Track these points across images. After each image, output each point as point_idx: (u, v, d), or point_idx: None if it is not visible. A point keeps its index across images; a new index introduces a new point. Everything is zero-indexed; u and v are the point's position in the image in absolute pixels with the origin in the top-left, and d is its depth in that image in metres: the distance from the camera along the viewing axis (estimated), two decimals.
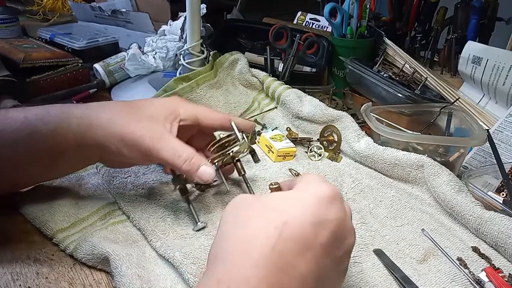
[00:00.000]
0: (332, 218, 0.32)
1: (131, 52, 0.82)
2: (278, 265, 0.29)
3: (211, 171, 0.43)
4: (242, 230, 0.31)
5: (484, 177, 0.60)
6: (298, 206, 0.32)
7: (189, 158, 0.43)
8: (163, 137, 0.44)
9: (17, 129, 0.43)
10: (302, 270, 0.29)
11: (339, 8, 0.84)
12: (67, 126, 0.44)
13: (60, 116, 0.44)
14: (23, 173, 0.46)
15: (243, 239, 0.30)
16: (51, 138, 0.44)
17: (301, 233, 0.30)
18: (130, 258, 0.42)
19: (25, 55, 0.79)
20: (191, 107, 0.50)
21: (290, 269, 0.29)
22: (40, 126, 0.43)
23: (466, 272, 0.44)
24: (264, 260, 0.28)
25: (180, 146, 0.44)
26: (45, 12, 1.18)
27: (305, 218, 0.31)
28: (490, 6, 0.83)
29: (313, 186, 0.34)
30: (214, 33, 0.90)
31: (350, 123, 0.66)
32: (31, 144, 0.44)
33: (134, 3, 1.11)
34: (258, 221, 0.31)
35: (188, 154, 0.43)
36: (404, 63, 0.82)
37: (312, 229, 0.30)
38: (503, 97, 0.70)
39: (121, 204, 0.50)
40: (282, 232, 0.29)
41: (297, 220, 0.30)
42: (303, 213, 0.31)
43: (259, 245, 0.29)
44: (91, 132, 0.44)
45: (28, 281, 0.41)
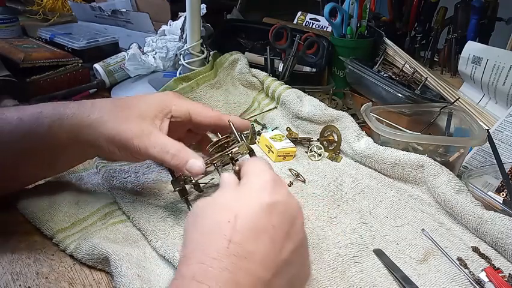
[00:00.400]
0: (278, 200, 0.35)
1: (131, 52, 0.82)
2: (236, 253, 0.31)
3: (200, 164, 0.43)
4: (200, 230, 0.33)
5: (484, 177, 0.60)
6: (245, 197, 0.35)
7: (177, 152, 0.43)
8: (151, 135, 0.44)
9: (11, 130, 0.43)
10: (260, 253, 0.32)
11: (339, 8, 0.84)
12: (59, 126, 0.44)
13: (52, 118, 0.44)
14: (20, 173, 0.47)
15: (201, 239, 0.33)
16: (46, 138, 0.44)
17: (254, 220, 0.33)
18: (130, 258, 0.42)
19: (25, 55, 0.79)
20: (184, 103, 0.49)
21: (250, 255, 0.31)
22: (35, 127, 0.44)
23: (466, 272, 0.44)
24: (222, 252, 0.31)
25: (168, 141, 0.44)
26: (45, 12, 1.18)
27: (254, 206, 0.34)
28: (490, 6, 0.83)
29: (255, 177, 0.37)
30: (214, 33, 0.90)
31: (350, 123, 0.66)
32: (27, 145, 0.44)
33: (134, 3, 1.11)
34: (212, 219, 0.34)
35: (176, 149, 0.43)
36: (404, 63, 0.82)
37: (262, 214, 0.33)
38: (503, 97, 0.70)
39: (121, 204, 0.50)
40: (235, 224, 0.32)
41: (246, 210, 0.33)
42: (251, 202, 0.34)
43: (216, 240, 0.32)
44: (82, 133, 0.44)
45: (28, 281, 0.41)
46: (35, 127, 0.44)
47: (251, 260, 0.31)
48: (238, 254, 0.31)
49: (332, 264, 0.44)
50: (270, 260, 0.32)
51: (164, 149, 0.43)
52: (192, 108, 0.49)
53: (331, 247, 0.46)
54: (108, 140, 0.44)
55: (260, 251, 0.32)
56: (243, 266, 0.31)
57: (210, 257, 0.31)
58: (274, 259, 0.33)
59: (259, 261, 0.32)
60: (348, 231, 0.49)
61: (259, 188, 0.36)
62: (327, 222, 0.50)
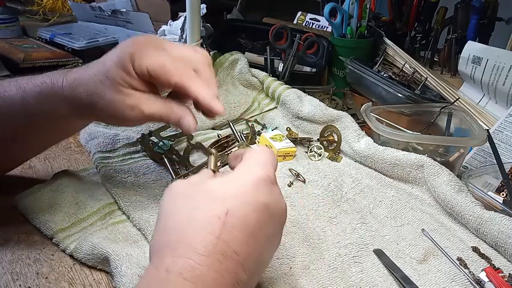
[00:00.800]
0: (270, 201, 0.33)
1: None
2: (223, 252, 0.30)
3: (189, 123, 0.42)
4: (186, 220, 0.32)
5: (484, 177, 0.60)
6: (240, 192, 0.33)
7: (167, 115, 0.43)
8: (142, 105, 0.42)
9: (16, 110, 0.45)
10: (244, 254, 0.31)
11: (339, 8, 0.84)
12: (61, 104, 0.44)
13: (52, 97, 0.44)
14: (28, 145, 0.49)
15: (188, 231, 0.31)
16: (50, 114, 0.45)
17: (244, 220, 0.32)
18: (130, 258, 0.42)
19: (25, 55, 0.79)
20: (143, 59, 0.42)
21: (233, 255, 0.31)
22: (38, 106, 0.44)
23: (466, 272, 0.44)
24: (210, 249, 0.30)
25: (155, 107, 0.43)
26: (45, 12, 1.18)
27: (247, 204, 0.32)
28: (490, 6, 0.83)
29: (252, 169, 0.35)
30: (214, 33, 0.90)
31: (350, 123, 0.66)
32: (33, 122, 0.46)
33: (134, 3, 1.11)
34: (201, 211, 0.32)
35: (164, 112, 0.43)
36: (404, 63, 0.82)
37: (254, 215, 0.32)
38: (503, 97, 0.70)
39: (121, 204, 0.50)
40: (225, 222, 0.31)
41: (238, 208, 0.32)
42: (245, 200, 0.32)
43: (205, 235, 0.30)
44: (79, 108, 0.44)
45: (28, 281, 0.41)
46: (38, 107, 0.44)
47: (235, 260, 0.31)
48: (225, 253, 0.30)
49: (332, 264, 0.44)
50: (251, 261, 0.32)
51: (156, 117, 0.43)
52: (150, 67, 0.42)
53: (331, 247, 0.46)
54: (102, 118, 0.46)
55: (244, 251, 0.31)
56: (228, 266, 0.30)
57: (198, 252, 0.29)
58: (255, 261, 0.32)
59: (241, 262, 0.31)
60: (348, 231, 0.49)
61: (253, 186, 0.33)
62: (327, 222, 0.50)
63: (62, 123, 0.47)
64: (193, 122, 0.42)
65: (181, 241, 0.30)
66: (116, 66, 0.42)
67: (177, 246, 0.30)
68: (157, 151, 0.59)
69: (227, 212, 0.31)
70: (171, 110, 0.43)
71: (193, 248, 0.30)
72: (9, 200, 0.49)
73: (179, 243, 0.30)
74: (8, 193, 0.50)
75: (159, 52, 0.43)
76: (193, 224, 0.31)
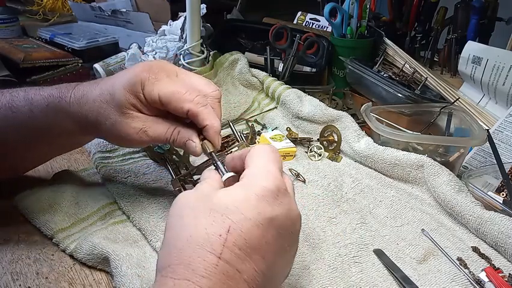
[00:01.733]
0: (277, 214, 0.32)
1: (131, 52, 0.82)
2: (225, 272, 0.29)
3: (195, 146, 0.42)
4: (186, 238, 0.30)
5: (484, 177, 0.60)
6: (243, 206, 0.31)
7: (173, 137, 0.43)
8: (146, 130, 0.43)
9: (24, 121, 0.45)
10: (249, 273, 0.30)
11: (339, 8, 0.84)
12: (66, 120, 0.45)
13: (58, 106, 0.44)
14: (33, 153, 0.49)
15: (188, 251, 0.29)
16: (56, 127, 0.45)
17: (247, 238, 0.30)
18: (130, 258, 0.42)
19: (25, 55, 0.79)
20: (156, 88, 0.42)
21: (237, 275, 0.29)
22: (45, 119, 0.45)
23: (466, 272, 0.44)
24: (211, 270, 0.28)
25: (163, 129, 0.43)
26: (45, 12, 1.18)
27: (249, 220, 0.30)
28: (490, 6, 0.83)
29: (253, 183, 0.33)
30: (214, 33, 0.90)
31: (350, 123, 0.66)
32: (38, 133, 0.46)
33: (134, 3, 1.11)
34: (202, 228, 0.30)
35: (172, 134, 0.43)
36: (404, 63, 0.82)
37: (257, 231, 0.30)
38: (503, 97, 0.70)
39: (121, 204, 0.50)
40: (226, 240, 0.29)
41: (241, 225, 0.30)
42: (247, 215, 0.30)
43: (205, 255, 0.29)
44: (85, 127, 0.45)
45: (28, 281, 0.41)
46: (44, 119, 0.45)
47: (239, 280, 0.29)
48: (227, 273, 0.29)
49: (332, 264, 0.44)
50: (259, 277, 0.30)
51: (161, 139, 0.43)
52: (162, 95, 0.42)
53: (331, 247, 0.46)
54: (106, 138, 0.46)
55: (248, 269, 0.30)
56: (230, 284, 0.29)
57: (198, 274, 0.28)
58: (263, 276, 0.31)
59: (246, 280, 0.30)
60: (348, 231, 0.49)
61: (257, 199, 0.31)
62: (327, 222, 0.50)
63: (66, 138, 0.48)
64: (199, 145, 0.43)
65: (181, 262, 0.29)
66: (125, 89, 0.42)
67: (177, 268, 0.29)
68: (157, 151, 0.59)
69: (228, 229, 0.30)
70: (177, 132, 0.43)
71: (193, 270, 0.28)
72: (9, 200, 0.49)
73: (179, 264, 0.29)
74: (8, 193, 0.50)
75: (172, 79, 0.43)
76: (193, 241, 0.30)
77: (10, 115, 0.45)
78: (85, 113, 0.44)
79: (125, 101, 0.42)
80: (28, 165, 0.54)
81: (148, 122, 0.43)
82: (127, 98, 0.42)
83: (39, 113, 0.45)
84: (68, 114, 0.44)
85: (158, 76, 0.43)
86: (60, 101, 0.44)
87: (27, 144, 0.47)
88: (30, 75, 0.77)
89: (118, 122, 0.43)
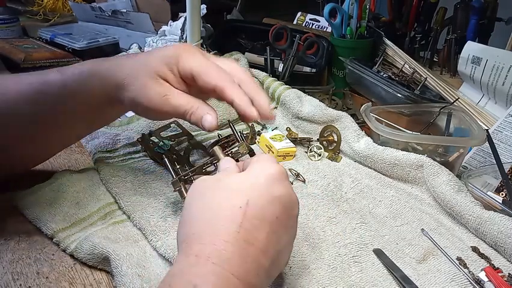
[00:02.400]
0: (282, 194, 0.36)
1: (131, 52, 0.82)
2: (245, 239, 0.33)
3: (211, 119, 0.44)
4: (210, 211, 0.35)
5: (484, 177, 0.60)
6: (256, 186, 0.36)
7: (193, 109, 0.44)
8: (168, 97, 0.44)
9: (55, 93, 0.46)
10: (264, 241, 0.34)
11: (339, 9, 0.84)
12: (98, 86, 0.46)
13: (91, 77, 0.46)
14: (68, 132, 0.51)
15: (213, 221, 0.34)
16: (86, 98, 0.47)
17: (262, 211, 0.35)
18: (131, 258, 0.42)
19: (26, 55, 0.79)
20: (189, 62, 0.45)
21: (255, 241, 0.33)
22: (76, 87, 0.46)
23: (465, 271, 0.44)
24: (233, 236, 0.32)
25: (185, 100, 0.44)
26: (45, 13, 1.18)
27: (263, 197, 0.35)
28: (489, 6, 0.83)
29: (264, 167, 0.38)
30: (214, 34, 0.90)
31: (349, 123, 0.66)
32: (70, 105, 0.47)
33: (134, 4, 1.11)
34: (224, 202, 0.35)
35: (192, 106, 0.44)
36: (403, 63, 0.82)
37: (269, 206, 0.35)
38: (503, 97, 0.70)
39: (121, 204, 0.51)
40: (246, 211, 0.34)
41: (257, 200, 0.35)
42: (261, 193, 0.35)
43: (228, 224, 0.33)
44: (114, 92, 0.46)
45: (29, 280, 0.41)
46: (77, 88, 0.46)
47: (256, 247, 0.33)
48: (247, 240, 0.33)
49: (332, 264, 0.44)
50: (271, 248, 0.34)
51: (183, 109, 0.44)
52: (195, 67, 0.45)
53: (330, 247, 0.47)
54: (132, 103, 0.46)
55: (263, 239, 0.34)
56: (250, 252, 0.33)
57: (222, 239, 0.32)
58: (274, 248, 0.35)
59: (262, 249, 0.33)
60: (348, 231, 0.49)
61: (268, 179, 0.36)
62: (326, 222, 0.50)
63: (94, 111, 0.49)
64: (215, 120, 0.44)
65: (206, 229, 0.33)
66: (160, 61, 0.45)
67: (203, 234, 0.33)
68: (157, 151, 0.59)
69: (247, 202, 0.34)
70: (197, 105, 0.44)
71: (218, 235, 0.32)
72: (9, 200, 0.49)
73: (205, 231, 0.33)
74: (8, 193, 0.50)
75: (205, 57, 0.46)
76: (217, 213, 0.34)
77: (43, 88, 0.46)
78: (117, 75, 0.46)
79: (158, 70, 0.45)
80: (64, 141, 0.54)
81: (173, 91, 0.45)
82: (160, 68, 0.45)
83: (72, 83, 0.46)
84: (101, 79, 0.46)
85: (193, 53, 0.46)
86: (93, 67, 0.47)
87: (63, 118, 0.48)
88: None
89: (145, 84, 0.44)
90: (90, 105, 0.48)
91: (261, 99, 0.46)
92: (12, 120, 0.46)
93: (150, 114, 0.48)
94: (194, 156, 0.62)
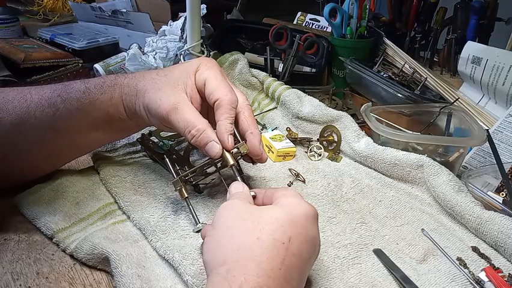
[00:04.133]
0: (316, 236, 0.37)
1: (131, 52, 0.83)
2: (285, 277, 0.32)
3: (217, 150, 0.43)
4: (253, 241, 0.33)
5: (484, 177, 0.60)
6: (296, 224, 0.35)
7: (197, 133, 0.43)
8: (177, 108, 0.44)
9: (79, 98, 0.47)
10: (297, 280, 0.34)
11: (339, 9, 0.84)
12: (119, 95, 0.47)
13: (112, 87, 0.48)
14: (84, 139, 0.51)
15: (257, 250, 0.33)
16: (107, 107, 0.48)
17: (301, 250, 0.34)
18: (130, 258, 0.42)
19: (26, 55, 0.79)
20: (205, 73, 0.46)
21: (291, 280, 0.33)
22: (99, 95, 0.47)
23: (465, 271, 0.44)
24: (275, 272, 0.32)
25: (192, 119, 0.44)
26: (45, 13, 1.18)
27: (302, 236, 0.35)
28: (489, 6, 0.83)
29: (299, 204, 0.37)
30: (214, 34, 0.90)
31: (349, 123, 0.66)
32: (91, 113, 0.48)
33: (134, 4, 1.11)
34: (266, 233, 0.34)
35: (197, 129, 0.43)
36: (403, 63, 0.82)
37: (305, 246, 0.35)
38: (503, 97, 0.70)
39: (121, 204, 0.51)
40: (288, 248, 0.33)
41: (298, 238, 0.34)
42: (300, 231, 0.35)
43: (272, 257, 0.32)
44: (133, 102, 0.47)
45: (28, 280, 0.41)
46: (99, 95, 0.47)
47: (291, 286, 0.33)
48: (286, 278, 0.32)
49: (332, 264, 0.44)
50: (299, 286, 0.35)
51: (187, 127, 0.44)
52: (208, 77, 0.46)
53: (330, 247, 0.46)
54: (145, 109, 0.46)
55: (297, 278, 0.34)
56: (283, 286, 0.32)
57: (266, 274, 0.31)
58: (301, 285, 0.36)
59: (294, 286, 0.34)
60: (348, 231, 0.49)
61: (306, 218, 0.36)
62: (326, 222, 0.50)
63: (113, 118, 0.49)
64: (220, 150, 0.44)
65: (251, 259, 0.32)
66: (182, 70, 0.47)
67: (247, 263, 0.32)
68: (157, 151, 0.59)
69: (290, 239, 0.34)
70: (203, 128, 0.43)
71: (262, 269, 0.32)
72: (9, 200, 0.49)
73: (249, 260, 0.32)
74: (8, 193, 0.50)
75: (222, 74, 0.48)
76: (260, 244, 0.33)
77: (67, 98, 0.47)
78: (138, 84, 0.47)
79: (178, 78, 0.46)
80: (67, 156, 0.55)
81: (184, 104, 0.44)
82: (181, 76, 0.46)
83: (95, 89, 0.47)
84: (122, 88, 0.47)
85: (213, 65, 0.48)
86: (116, 78, 0.48)
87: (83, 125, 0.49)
88: (31, 75, 0.78)
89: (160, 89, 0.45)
90: (108, 113, 0.48)
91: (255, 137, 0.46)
92: (31, 125, 0.46)
93: (159, 122, 0.46)
94: (194, 156, 0.62)
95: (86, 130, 0.49)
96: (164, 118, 0.44)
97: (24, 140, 0.47)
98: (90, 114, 0.48)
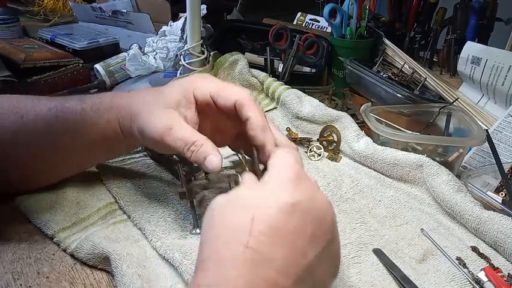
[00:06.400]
0: (300, 199, 0.32)
1: (131, 52, 0.83)
2: (254, 261, 0.29)
3: (217, 161, 0.41)
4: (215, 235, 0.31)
5: (483, 177, 0.60)
6: (263, 198, 0.32)
7: (195, 148, 0.41)
8: (172, 129, 0.42)
9: (76, 120, 0.46)
10: (280, 259, 0.29)
11: (339, 9, 0.84)
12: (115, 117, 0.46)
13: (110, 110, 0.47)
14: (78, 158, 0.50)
15: (217, 244, 0.30)
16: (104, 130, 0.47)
17: (272, 225, 0.30)
18: (131, 258, 0.42)
19: (26, 55, 0.79)
20: (207, 84, 0.45)
21: (267, 262, 0.29)
22: (96, 118, 0.46)
23: (465, 271, 0.44)
24: (238, 258, 0.29)
25: (188, 136, 0.42)
26: (46, 13, 1.18)
27: (271, 207, 0.31)
28: (489, 6, 0.84)
29: (276, 174, 0.34)
30: (214, 34, 0.90)
31: (349, 124, 0.66)
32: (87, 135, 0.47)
33: (134, 4, 1.11)
34: (228, 222, 0.31)
35: (195, 145, 0.41)
36: (403, 63, 0.82)
37: (281, 216, 0.30)
38: (502, 97, 0.70)
39: (121, 204, 0.51)
40: (252, 229, 0.30)
41: (263, 212, 0.31)
42: (269, 203, 0.31)
43: (232, 245, 0.30)
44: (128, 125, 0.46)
45: (29, 280, 0.41)
46: (96, 119, 0.46)
47: (269, 267, 0.29)
48: (255, 261, 0.29)
49: None
50: (291, 265, 0.30)
51: (186, 145, 0.41)
52: (212, 90, 0.44)
53: None
54: (140, 134, 0.44)
55: (279, 256, 0.29)
56: (259, 273, 0.29)
57: (225, 263, 0.29)
58: (296, 265, 0.30)
59: (278, 268, 0.29)
60: (348, 230, 0.49)
61: (279, 187, 0.32)
62: None
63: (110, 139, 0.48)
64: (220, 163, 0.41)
65: (210, 255, 0.30)
66: (175, 90, 0.45)
67: (206, 260, 0.30)
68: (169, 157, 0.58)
69: (252, 218, 0.30)
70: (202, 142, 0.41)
71: (221, 260, 0.29)
72: (10, 200, 0.49)
73: (209, 257, 0.30)
74: (9, 193, 0.50)
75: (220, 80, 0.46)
76: (220, 235, 0.31)
77: (63, 117, 0.46)
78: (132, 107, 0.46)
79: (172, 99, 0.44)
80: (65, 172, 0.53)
81: (178, 124, 0.42)
82: (175, 96, 0.44)
83: (91, 111, 0.46)
84: (119, 111, 0.46)
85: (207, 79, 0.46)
86: (113, 99, 0.47)
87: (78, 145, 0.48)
88: (31, 75, 0.78)
89: (152, 112, 0.43)
90: (105, 136, 0.47)
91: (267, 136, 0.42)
92: (29, 140, 0.46)
93: (155, 144, 0.45)
94: None
95: (84, 150, 0.49)
96: (159, 141, 0.42)
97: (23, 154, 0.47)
98: (88, 135, 0.47)
